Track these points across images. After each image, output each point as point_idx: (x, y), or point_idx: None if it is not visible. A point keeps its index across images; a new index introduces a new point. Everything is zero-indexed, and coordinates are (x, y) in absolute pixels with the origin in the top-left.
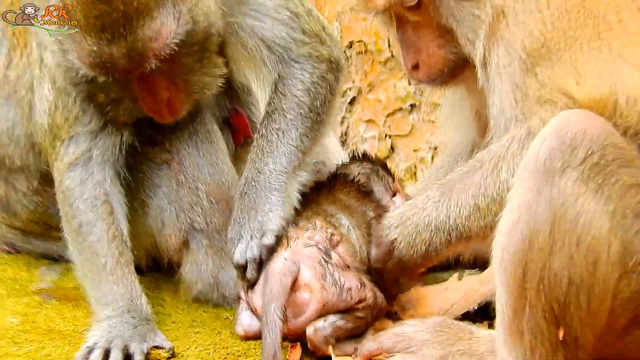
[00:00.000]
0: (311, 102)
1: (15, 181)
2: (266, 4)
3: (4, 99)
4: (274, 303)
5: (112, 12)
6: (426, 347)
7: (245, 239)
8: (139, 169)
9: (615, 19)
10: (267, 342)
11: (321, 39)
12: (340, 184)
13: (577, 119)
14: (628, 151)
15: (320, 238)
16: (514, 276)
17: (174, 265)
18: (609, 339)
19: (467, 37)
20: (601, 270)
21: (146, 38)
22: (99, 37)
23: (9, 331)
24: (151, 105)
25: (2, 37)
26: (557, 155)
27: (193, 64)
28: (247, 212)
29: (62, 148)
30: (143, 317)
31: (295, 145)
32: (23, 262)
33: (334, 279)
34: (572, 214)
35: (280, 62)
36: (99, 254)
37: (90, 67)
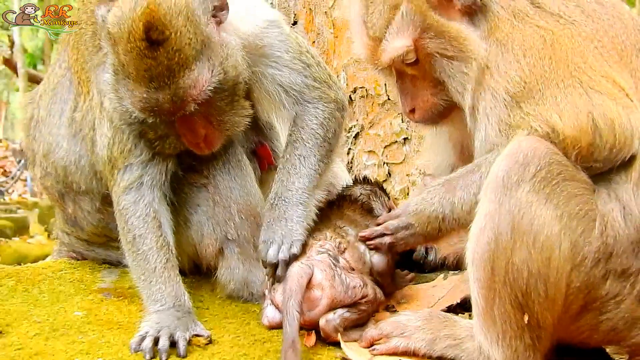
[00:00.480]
0: (324, 133)
1: (81, 202)
2: (284, 57)
3: (71, 136)
4: (293, 299)
5: (157, 66)
6: (418, 332)
7: (277, 242)
8: (182, 191)
9: (581, 60)
10: (287, 330)
11: (329, 85)
12: (346, 202)
13: (527, 142)
14: (570, 168)
15: (329, 246)
16: (484, 272)
17: (211, 268)
18: (565, 322)
19: (457, 90)
20: (554, 264)
21: (186, 86)
22: (147, 86)
23: (75, 323)
24: (191, 141)
25: (70, 86)
26: (512, 172)
27: (225, 106)
28: (279, 220)
29: (118, 175)
30: (186, 311)
31: (314, 169)
32: (88, 266)
33: (341, 279)
34: (528, 218)
35: (296, 103)
36: (150, 260)
37: (141, 110)
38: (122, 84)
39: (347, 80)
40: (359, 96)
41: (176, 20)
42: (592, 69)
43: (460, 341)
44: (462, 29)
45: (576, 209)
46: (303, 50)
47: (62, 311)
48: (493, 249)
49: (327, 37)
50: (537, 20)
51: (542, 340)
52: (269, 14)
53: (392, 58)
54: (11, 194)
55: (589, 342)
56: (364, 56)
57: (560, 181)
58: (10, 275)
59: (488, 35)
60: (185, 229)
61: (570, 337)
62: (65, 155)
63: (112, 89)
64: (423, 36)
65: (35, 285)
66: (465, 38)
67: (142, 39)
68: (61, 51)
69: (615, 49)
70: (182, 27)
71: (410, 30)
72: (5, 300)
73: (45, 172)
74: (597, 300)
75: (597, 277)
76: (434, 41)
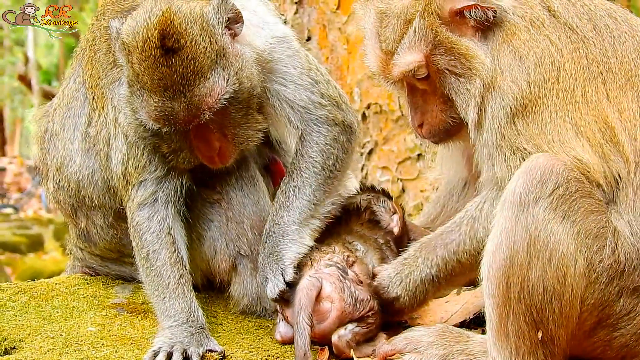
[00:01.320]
0: (324, 161)
1: (94, 217)
2: (291, 72)
3: (85, 151)
4: (302, 312)
5: (172, 74)
6: (431, 348)
7: (270, 279)
8: (196, 207)
9: (580, 93)
10: (298, 344)
11: (337, 103)
12: (353, 217)
13: (544, 160)
14: (586, 185)
15: (338, 259)
16: (499, 288)
17: (225, 284)
18: (579, 338)
19: (462, 106)
20: (569, 281)
21: (202, 94)
22: (162, 95)
23: (89, 338)
24: (205, 154)
25: (84, 101)
26: (530, 189)
27: (239, 119)
28: (267, 257)
29: (133, 191)
30: (199, 326)
31: (308, 199)
32: (101, 282)
33: (351, 292)
34: (544, 236)
35: (302, 120)
36: (163, 276)
37: (155, 120)
38: (137, 95)
39: (361, 96)
40: (373, 112)
41: (191, 29)
42: (587, 106)
43: (474, 357)
44: (470, 46)
45: (592, 225)
46: (312, 67)
47: (75, 327)
48: (508, 266)
49: (341, 53)
50: (551, 34)
51: (556, 357)
52: (279, 30)
53: (403, 72)
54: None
55: (602, 358)
56: (375, 69)
57: (578, 198)
58: (24, 291)
59: (502, 42)
60: (198, 245)
61: (583, 353)
62: (79, 170)
63: (127, 102)
64: (434, 52)
65: (49, 301)
66: (473, 56)
67: (157, 47)
68: (75, 66)
69: (622, 69)
70: (197, 35)
71: (421, 46)
72: (18, 315)
73: (58, 186)
74: (611, 317)
75: (611, 294)
76: (444, 58)
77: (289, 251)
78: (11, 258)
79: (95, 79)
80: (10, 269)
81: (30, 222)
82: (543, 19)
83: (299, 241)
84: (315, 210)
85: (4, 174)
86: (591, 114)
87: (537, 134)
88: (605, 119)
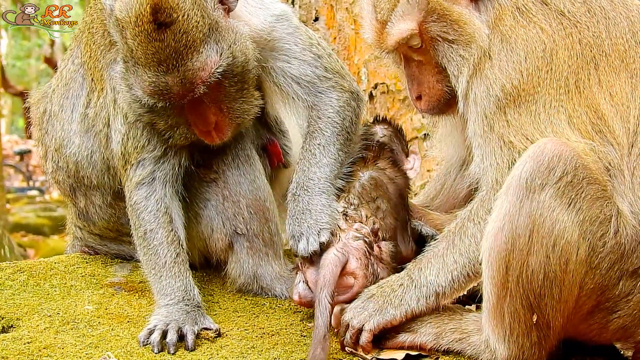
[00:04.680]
0: (342, 122)
1: (93, 196)
2: (293, 49)
3: (84, 132)
4: (326, 290)
5: (165, 48)
6: (425, 326)
7: (305, 236)
8: (193, 186)
9: (573, 80)
10: (318, 323)
11: (341, 75)
12: (375, 155)
13: (552, 145)
14: (593, 170)
15: (366, 231)
16: (499, 271)
17: (221, 263)
18: (575, 322)
19: (454, 74)
20: (571, 268)
21: (195, 68)
22: (156, 70)
23: (86, 316)
24: (202, 129)
25: (82, 82)
26: (536, 175)
27: (235, 93)
28: (303, 212)
29: (131, 171)
30: (195, 305)
31: (334, 158)
32: (100, 261)
33: (374, 269)
34: (549, 222)
35: (309, 94)
36: (160, 255)
37: (150, 95)
38: (131, 71)
39: (368, 76)
40: (380, 92)
41: (183, 3)
42: (580, 95)
43: (467, 335)
44: (463, 13)
45: (597, 212)
46: (313, 42)
47: (72, 305)
48: (509, 250)
49: (349, 33)
50: (541, 21)
51: (549, 339)
52: (278, 8)
53: (397, 41)
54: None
55: (597, 340)
56: (370, 40)
57: (585, 185)
58: (22, 270)
59: (493, 25)
60: (195, 224)
61: (578, 335)
62: (78, 151)
63: (122, 79)
64: (427, 19)
65: (47, 280)
66: (466, 22)
67: (150, 21)
68: (74, 47)
69: (616, 51)
70: (189, 10)
71: (414, 14)
72: (17, 294)
73: (57, 166)
74: (609, 300)
75: (612, 278)
76: (437, 24)
77: (325, 213)
78: (34, 240)
79: (94, 61)
80: (33, 250)
81: (54, 205)
82: (530, 6)
83: (332, 203)
84: (339, 170)
85: (29, 157)
86: (583, 103)
87: (529, 125)
88: (597, 107)
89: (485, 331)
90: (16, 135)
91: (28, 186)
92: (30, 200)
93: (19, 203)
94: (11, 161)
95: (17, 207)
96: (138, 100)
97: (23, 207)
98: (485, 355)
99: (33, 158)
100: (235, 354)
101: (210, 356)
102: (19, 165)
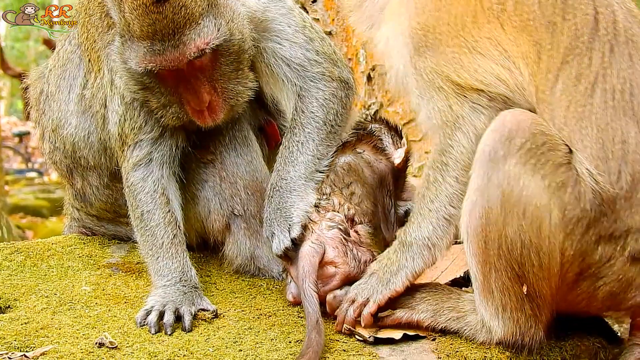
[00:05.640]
0: (325, 116)
1: (89, 177)
2: (285, 30)
3: (80, 112)
4: (307, 279)
5: (163, 19)
6: (423, 304)
7: (277, 235)
8: (190, 167)
9: (471, 19)
10: (308, 312)
11: (333, 60)
12: (363, 139)
13: (511, 116)
14: (554, 137)
15: (339, 219)
16: (479, 247)
17: (219, 244)
18: (563, 291)
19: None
20: (545, 233)
21: (192, 36)
22: (152, 39)
23: (83, 297)
24: (195, 107)
25: (79, 63)
26: (498, 147)
27: (229, 72)
28: (275, 212)
29: (128, 152)
30: (192, 286)
31: (312, 154)
32: (98, 242)
33: (353, 254)
34: (517, 190)
35: (298, 78)
36: (157, 236)
37: (146, 64)
38: (127, 44)
39: (366, 58)
40: (378, 74)
41: None
42: (478, 29)
43: (464, 314)
44: None
45: (563, 177)
46: (307, 25)
47: (69, 286)
48: (485, 224)
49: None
50: None
51: (543, 311)
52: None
53: None
54: (50, 175)
55: (589, 310)
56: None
57: (546, 151)
58: (20, 251)
59: None
60: (192, 205)
61: (569, 306)
62: (74, 132)
63: (118, 54)
64: None
65: (45, 261)
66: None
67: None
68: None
69: (518, 15)
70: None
71: None
72: (14, 275)
73: (54, 147)
74: (592, 267)
75: (589, 243)
76: None
77: (296, 208)
78: (33, 222)
79: (91, 42)
80: (31, 232)
81: (53, 186)
82: None
83: (306, 197)
84: (319, 165)
85: (28, 138)
86: (484, 34)
87: (443, 65)
88: (499, 42)
89: (480, 311)
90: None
91: (27, 168)
92: (29, 182)
93: (17, 185)
94: (10, 143)
95: (15, 188)
96: (133, 75)
97: (22, 189)
98: (482, 335)
99: (32, 140)
100: (232, 334)
101: (207, 337)
102: (18, 147)
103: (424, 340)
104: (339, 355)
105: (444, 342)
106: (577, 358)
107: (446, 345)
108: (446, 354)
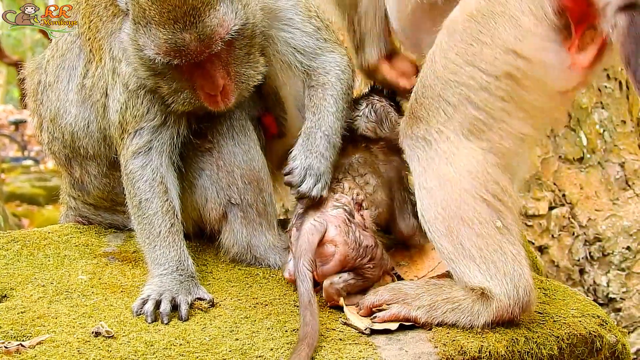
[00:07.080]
0: (340, 83)
1: (88, 166)
2: (294, 19)
3: (80, 102)
4: (303, 258)
5: (182, 5)
6: (418, 299)
7: (314, 177)
8: (188, 156)
9: None
10: (301, 291)
11: (339, 44)
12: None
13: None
14: None
15: (346, 200)
16: (438, 229)
17: (215, 232)
18: None
19: None
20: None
21: (213, 24)
22: (172, 27)
23: (79, 286)
24: (210, 91)
25: (79, 53)
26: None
27: (243, 56)
28: (314, 153)
29: (128, 140)
30: (188, 275)
31: (341, 110)
32: (94, 231)
33: (355, 237)
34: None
35: (310, 60)
36: (155, 225)
37: (166, 53)
38: (142, 31)
39: None
40: None
41: None
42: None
43: (459, 302)
44: None
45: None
46: (312, 14)
47: (66, 275)
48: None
49: None
50: None
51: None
52: None
53: None
54: (46, 163)
55: None
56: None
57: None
58: (16, 240)
59: None
60: (189, 194)
61: None
62: (74, 121)
63: (131, 42)
64: None
65: (41, 250)
66: None
67: None
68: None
69: None
70: None
71: None
72: (10, 264)
73: (52, 137)
74: None
75: None
76: None
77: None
78: (29, 210)
79: (93, 32)
80: (27, 220)
81: (49, 175)
82: None
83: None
84: (339, 127)
85: (24, 126)
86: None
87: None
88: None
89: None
90: (11, 105)
91: (23, 156)
92: (25, 170)
93: (13, 173)
94: (6, 131)
95: (11, 176)
96: (147, 63)
97: (18, 177)
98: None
99: (28, 128)
100: (228, 324)
101: (204, 326)
102: (14, 135)
103: (420, 330)
104: (335, 345)
105: (440, 331)
106: (574, 347)
107: (442, 334)
108: (443, 342)
